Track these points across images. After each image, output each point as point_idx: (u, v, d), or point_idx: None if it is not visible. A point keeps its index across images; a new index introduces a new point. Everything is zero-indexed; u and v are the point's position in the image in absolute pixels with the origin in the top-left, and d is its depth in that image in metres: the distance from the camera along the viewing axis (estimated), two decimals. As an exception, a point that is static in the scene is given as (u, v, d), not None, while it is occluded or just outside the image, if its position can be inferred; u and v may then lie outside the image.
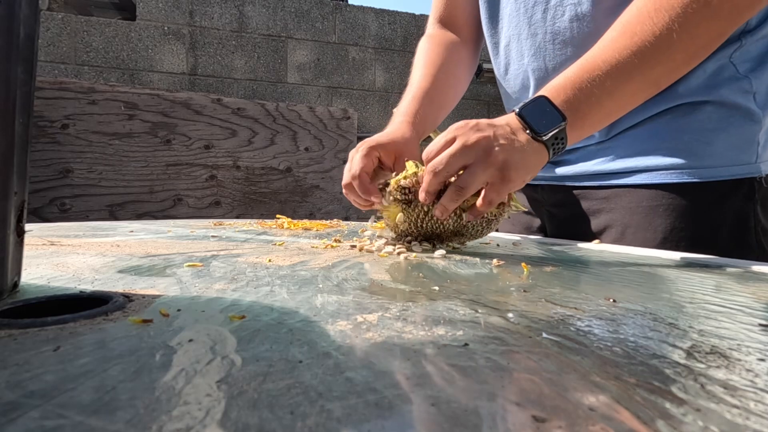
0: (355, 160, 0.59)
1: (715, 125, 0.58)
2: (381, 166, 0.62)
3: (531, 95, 0.69)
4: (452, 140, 0.47)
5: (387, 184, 0.54)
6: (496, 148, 0.46)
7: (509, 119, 0.49)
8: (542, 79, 0.66)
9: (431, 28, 0.84)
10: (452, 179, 0.48)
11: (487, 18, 0.75)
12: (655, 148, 0.60)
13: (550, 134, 0.47)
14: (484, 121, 0.49)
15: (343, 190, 0.60)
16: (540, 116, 0.48)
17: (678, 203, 0.59)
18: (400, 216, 0.53)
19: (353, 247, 0.51)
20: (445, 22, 0.82)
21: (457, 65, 0.78)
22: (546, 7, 0.64)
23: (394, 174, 0.55)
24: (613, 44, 0.48)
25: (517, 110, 0.49)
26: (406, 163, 0.53)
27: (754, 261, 0.48)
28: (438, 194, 0.49)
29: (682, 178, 0.58)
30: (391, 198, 0.52)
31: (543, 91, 0.50)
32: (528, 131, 0.48)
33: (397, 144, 0.62)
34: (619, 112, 0.51)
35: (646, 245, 0.60)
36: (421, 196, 0.49)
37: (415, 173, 0.52)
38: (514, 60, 0.70)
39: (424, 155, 0.49)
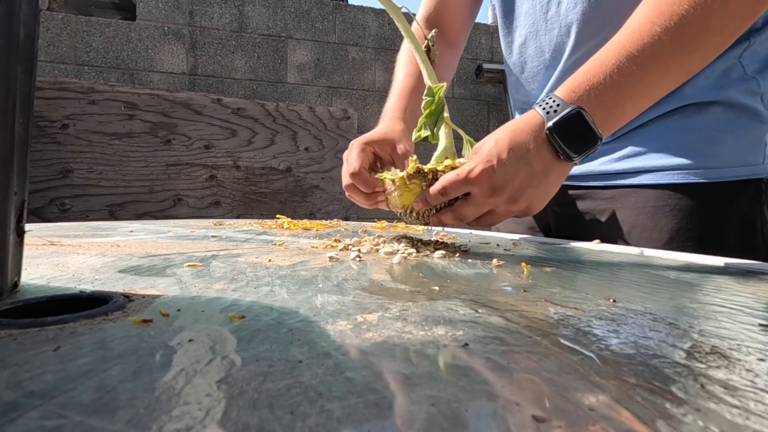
0: (351, 158, 0.58)
1: (722, 126, 0.58)
2: (380, 162, 0.62)
3: (550, 86, 0.68)
4: (478, 179, 0.45)
5: (393, 180, 0.52)
6: (522, 198, 0.47)
7: (540, 145, 0.46)
8: (562, 72, 0.66)
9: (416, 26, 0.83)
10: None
11: (502, 16, 0.74)
12: (662, 149, 0.60)
13: (583, 156, 0.47)
14: (513, 158, 0.45)
15: (346, 193, 0.60)
16: (576, 141, 0.46)
17: (685, 204, 0.58)
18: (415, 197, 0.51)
19: (357, 251, 0.51)
20: (432, 22, 0.81)
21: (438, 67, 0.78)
22: (560, 1, 0.64)
23: (393, 169, 0.55)
24: (652, 28, 0.45)
25: (551, 125, 0.45)
26: (409, 159, 0.53)
27: (757, 261, 0.48)
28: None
29: (689, 178, 0.58)
30: (409, 181, 0.51)
31: (581, 98, 0.46)
32: (561, 156, 0.46)
33: (390, 138, 0.62)
34: (647, 107, 0.50)
35: (653, 245, 0.59)
36: (433, 220, 0.51)
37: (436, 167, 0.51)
38: (532, 57, 0.70)
39: (441, 182, 0.47)
